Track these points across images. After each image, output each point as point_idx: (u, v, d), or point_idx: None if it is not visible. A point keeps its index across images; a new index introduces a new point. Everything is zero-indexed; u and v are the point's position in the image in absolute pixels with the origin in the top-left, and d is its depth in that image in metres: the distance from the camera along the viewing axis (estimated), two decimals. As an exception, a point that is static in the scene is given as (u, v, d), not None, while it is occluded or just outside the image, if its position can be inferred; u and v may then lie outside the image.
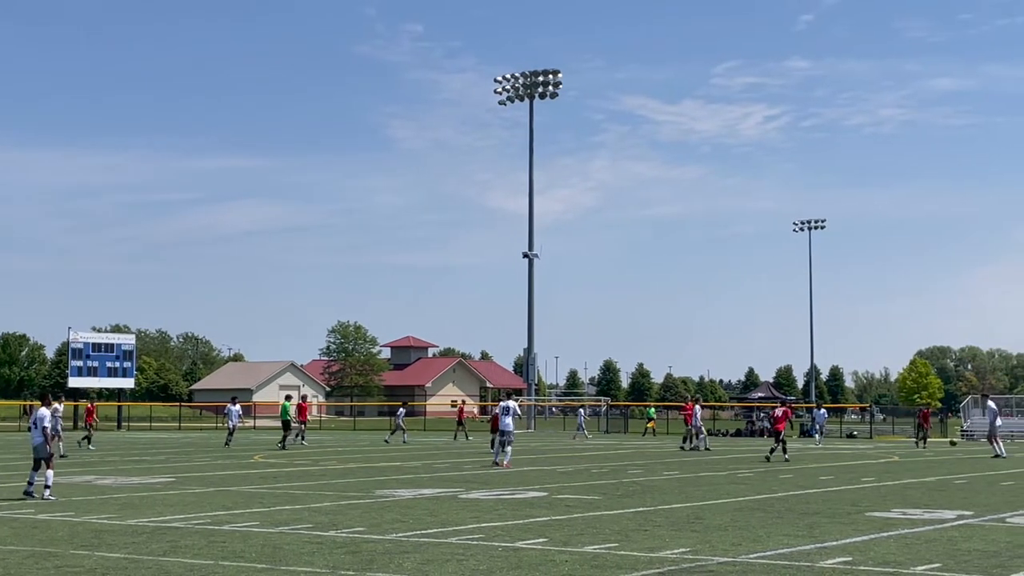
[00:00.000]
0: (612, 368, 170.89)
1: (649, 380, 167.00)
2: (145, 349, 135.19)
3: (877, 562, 12.92)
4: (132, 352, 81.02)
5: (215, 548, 14.07)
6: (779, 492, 23.07)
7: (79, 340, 77.66)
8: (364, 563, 12.82)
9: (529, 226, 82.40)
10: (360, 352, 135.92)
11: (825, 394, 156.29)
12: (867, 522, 17.16)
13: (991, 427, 39.76)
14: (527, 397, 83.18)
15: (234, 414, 46.33)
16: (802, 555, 13.48)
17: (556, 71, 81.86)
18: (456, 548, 14.05)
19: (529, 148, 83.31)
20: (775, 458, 34.95)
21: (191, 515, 18.00)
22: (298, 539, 14.88)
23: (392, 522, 16.90)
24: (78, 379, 76.85)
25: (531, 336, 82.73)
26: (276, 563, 12.83)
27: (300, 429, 45.83)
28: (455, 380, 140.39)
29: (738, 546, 14.25)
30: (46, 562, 12.97)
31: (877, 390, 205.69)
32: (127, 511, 18.68)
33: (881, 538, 15.14)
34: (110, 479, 26.48)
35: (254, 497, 21.47)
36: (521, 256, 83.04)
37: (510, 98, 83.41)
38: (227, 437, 45.99)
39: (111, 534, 15.54)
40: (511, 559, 13.12)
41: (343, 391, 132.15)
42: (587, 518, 17.64)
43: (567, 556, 13.34)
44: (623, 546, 14.25)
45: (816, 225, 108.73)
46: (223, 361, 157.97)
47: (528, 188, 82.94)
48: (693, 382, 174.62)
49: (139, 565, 12.71)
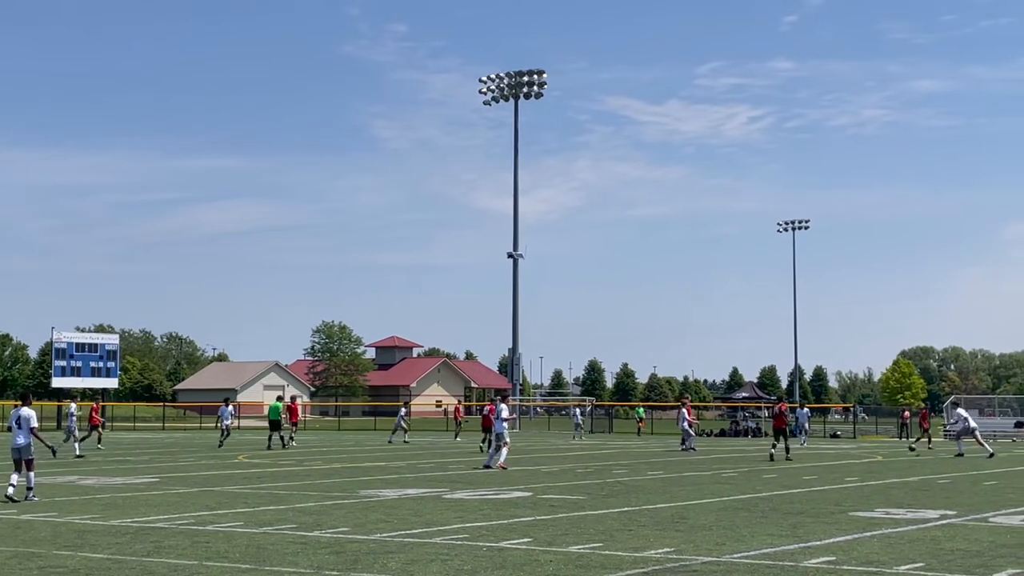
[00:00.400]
0: (597, 368, 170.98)
1: (634, 380, 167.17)
2: (129, 349, 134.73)
3: (860, 561, 12.96)
4: (116, 352, 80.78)
5: (199, 548, 14.04)
6: (763, 492, 23.13)
7: (62, 340, 77.41)
8: (348, 563, 12.81)
9: (514, 226, 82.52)
10: (345, 352, 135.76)
11: (809, 394, 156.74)
12: (850, 522, 17.21)
13: (961, 430, 40.67)
14: (512, 397, 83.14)
15: (227, 415, 46.13)
16: (786, 555, 13.51)
17: (541, 71, 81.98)
18: (441, 548, 14.05)
19: (514, 148, 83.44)
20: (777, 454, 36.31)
21: (175, 515, 17.96)
22: (282, 539, 14.86)
23: (377, 522, 16.89)
24: (61, 379, 76.59)
25: (516, 336, 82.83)
26: (260, 563, 12.81)
27: (290, 431, 45.53)
28: (440, 380, 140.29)
29: (722, 546, 14.28)
30: (29, 563, 12.93)
31: (860, 390, 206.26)
32: (110, 511, 18.63)
33: (864, 538, 15.19)
34: (93, 479, 26.39)
35: (238, 497, 21.43)
36: (506, 256, 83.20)
37: (495, 98, 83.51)
38: (220, 438, 45.61)
39: (94, 534, 15.49)
40: (496, 559, 13.12)
41: (328, 391, 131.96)
42: (572, 518, 17.65)
43: (552, 556, 13.35)
44: (608, 546, 14.27)
45: (800, 225, 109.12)
46: (207, 361, 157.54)
47: (513, 188, 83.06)
48: (678, 382, 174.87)
49: (123, 566, 12.68)
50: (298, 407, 47.79)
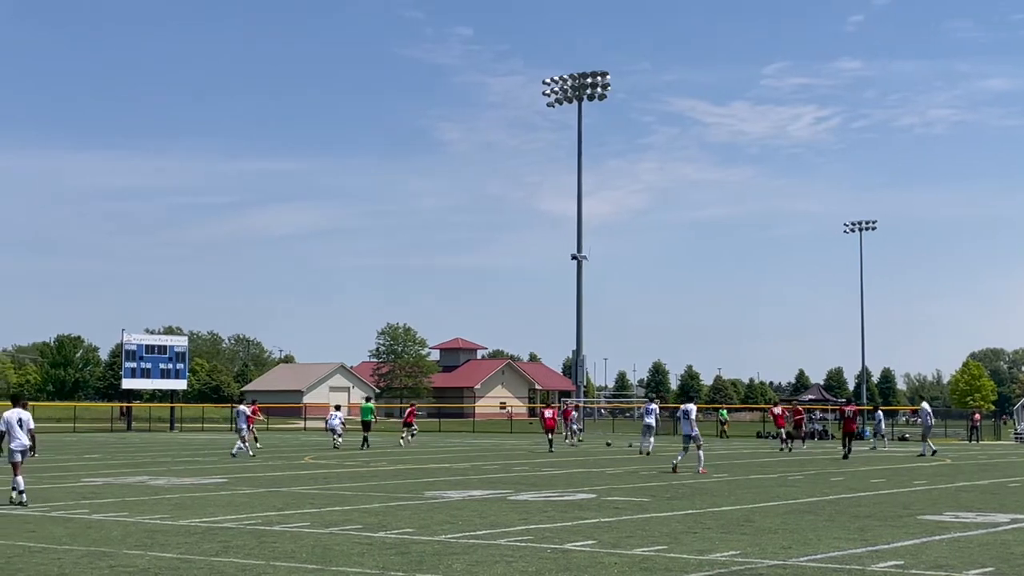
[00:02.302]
0: (661, 370, 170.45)
1: (698, 382, 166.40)
2: (197, 351, 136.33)
3: (929, 566, 12.82)
4: (184, 354, 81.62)
5: (266, 549, 14.18)
6: (830, 495, 22.92)
7: (132, 342, 78.41)
8: (413, 564, 12.87)
9: (578, 228, 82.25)
10: (409, 354, 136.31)
11: (876, 396, 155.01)
12: (919, 525, 17.01)
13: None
14: (576, 399, 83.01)
15: (337, 419, 46.48)
16: (853, 558, 13.39)
17: (604, 73, 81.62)
18: (505, 550, 14.08)
19: (578, 150, 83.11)
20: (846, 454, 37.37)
21: (242, 516, 18.15)
22: (348, 540, 14.96)
23: (441, 523, 16.95)
24: (132, 381, 77.60)
25: (580, 338, 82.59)
26: (327, 564, 12.91)
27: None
28: (504, 382, 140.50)
29: (789, 549, 14.18)
30: (100, 561, 13.13)
31: (929, 392, 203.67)
32: (179, 511, 18.86)
33: (933, 542, 15.01)
34: (163, 480, 26.73)
35: (305, 498, 21.61)
36: (570, 258, 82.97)
37: (558, 100, 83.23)
38: (334, 440, 45.78)
39: (164, 534, 15.69)
40: (560, 561, 13.12)
41: (392, 393, 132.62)
42: (636, 520, 17.61)
43: (616, 558, 13.33)
44: (672, 548, 14.22)
45: (867, 226, 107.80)
46: (274, 363, 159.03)
47: (577, 190, 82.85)
48: (743, 384, 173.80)
49: (191, 565, 12.83)
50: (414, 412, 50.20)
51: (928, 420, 44.64)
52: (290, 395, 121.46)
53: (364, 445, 44.47)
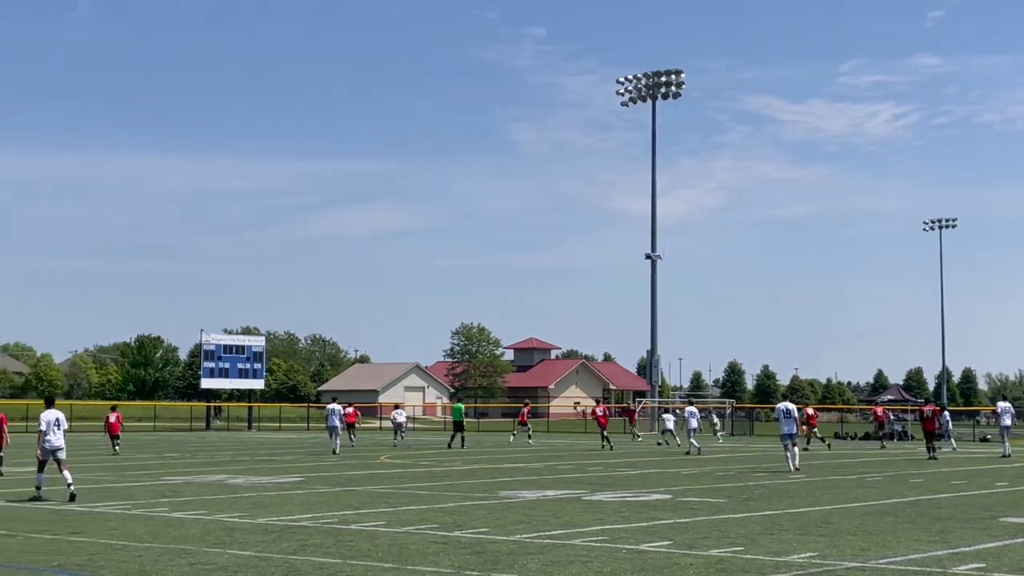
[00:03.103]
0: (737, 370, 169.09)
1: (775, 382, 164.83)
2: (274, 351, 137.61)
3: (1012, 568, 12.59)
4: (262, 354, 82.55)
5: (342, 547, 14.29)
6: (909, 496, 22.61)
7: (211, 342, 79.43)
8: (489, 564, 12.90)
9: (652, 227, 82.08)
10: (483, 354, 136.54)
11: (957, 396, 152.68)
12: (1001, 527, 16.72)
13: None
14: (650, 399, 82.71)
15: (402, 415, 52.37)
16: (933, 560, 13.19)
17: (679, 71, 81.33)
18: (580, 550, 14.06)
19: (652, 149, 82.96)
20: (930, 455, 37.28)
21: (319, 514, 18.30)
22: (424, 539, 15.03)
23: (516, 523, 16.97)
24: (210, 380, 78.65)
25: (654, 338, 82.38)
26: (402, 563, 12.98)
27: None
28: (578, 382, 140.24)
29: (867, 551, 14.01)
30: (180, 559, 13.31)
31: (1011, 392, 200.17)
32: (257, 510, 19.07)
33: (1016, 544, 14.75)
34: (241, 479, 27.05)
35: (380, 497, 21.74)
36: (644, 257, 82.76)
37: (632, 99, 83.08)
38: (395, 439, 50.49)
39: (242, 532, 15.88)
40: (635, 562, 13.08)
41: (467, 393, 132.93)
42: (712, 521, 17.50)
43: (692, 560, 13.26)
44: (749, 550, 14.11)
45: (947, 224, 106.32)
46: (350, 362, 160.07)
47: (651, 189, 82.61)
48: (820, 384, 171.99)
49: (269, 563, 12.97)
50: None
51: (1005, 419, 42.12)
52: (366, 395, 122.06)
53: (461, 444, 45.42)
